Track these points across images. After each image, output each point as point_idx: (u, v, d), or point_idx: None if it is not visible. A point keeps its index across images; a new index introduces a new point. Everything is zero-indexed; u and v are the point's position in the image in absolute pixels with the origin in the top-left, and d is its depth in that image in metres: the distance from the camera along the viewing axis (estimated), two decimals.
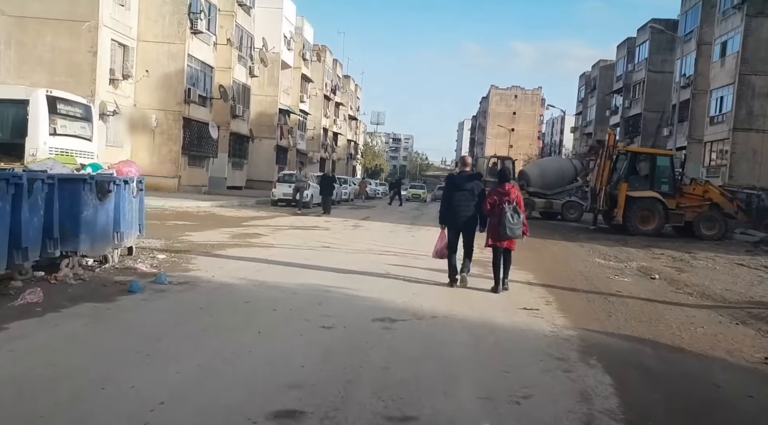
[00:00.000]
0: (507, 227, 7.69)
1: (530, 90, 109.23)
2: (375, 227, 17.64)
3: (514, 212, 7.74)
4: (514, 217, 7.74)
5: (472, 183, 8.09)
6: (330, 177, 22.83)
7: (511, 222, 7.68)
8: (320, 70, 54.44)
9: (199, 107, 28.17)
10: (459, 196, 8.00)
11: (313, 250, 11.05)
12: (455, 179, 8.35)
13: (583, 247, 15.49)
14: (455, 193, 8.04)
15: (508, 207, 7.70)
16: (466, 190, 7.97)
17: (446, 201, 8.18)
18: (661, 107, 44.94)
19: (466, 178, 8.17)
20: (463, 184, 8.06)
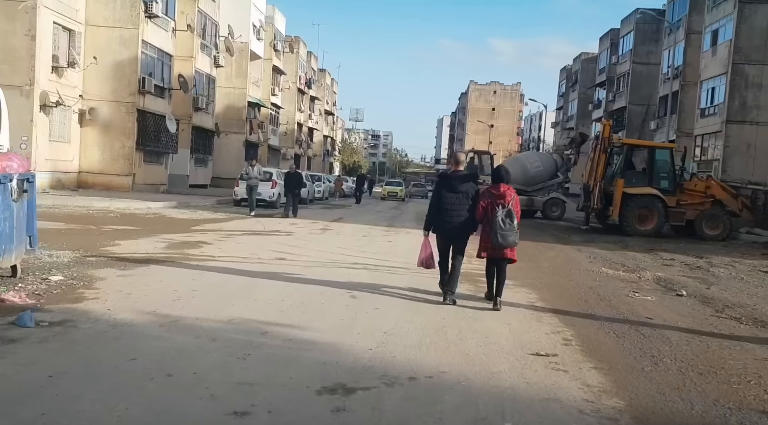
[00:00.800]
0: (498, 234, 6.62)
1: (509, 85, 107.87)
2: (347, 230, 15.58)
3: (506, 216, 6.66)
4: (506, 222, 6.65)
5: (467, 185, 6.97)
6: (295, 174, 19.96)
7: (502, 227, 6.61)
8: (293, 62, 52.10)
9: (156, 98, 25.80)
10: (451, 198, 6.90)
11: (263, 264, 8.95)
12: (448, 179, 7.14)
13: (582, 252, 13.62)
14: (447, 195, 6.92)
15: (500, 211, 6.65)
16: (459, 192, 6.89)
17: (436, 203, 7.03)
18: (647, 100, 43.56)
19: (461, 178, 7.06)
20: (457, 185, 6.95)
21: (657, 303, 7.83)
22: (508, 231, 6.62)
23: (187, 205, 20.47)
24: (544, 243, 15.22)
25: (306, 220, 17.87)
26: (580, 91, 58.25)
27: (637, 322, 6.54)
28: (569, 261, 11.82)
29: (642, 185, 18.61)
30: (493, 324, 6.03)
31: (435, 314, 6.34)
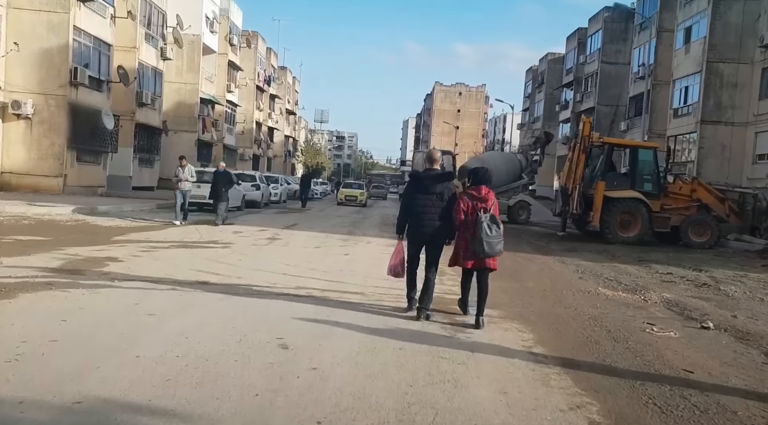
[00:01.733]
0: (484, 242, 5.96)
1: (474, 87, 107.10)
2: (298, 240, 13.54)
3: (491, 222, 6.02)
4: (493, 229, 6.00)
5: (442, 185, 6.25)
6: (224, 173, 16.84)
7: (489, 235, 5.97)
8: (251, 58, 49.67)
9: (92, 92, 23.28)
10: (424, 200, 6.22)
11: (175, 291, 6.88)
12: (420, 179, 6.42)
13: (567, 265, 11.91)
14: (419, 197, 6.25)
15: (484, 216, 6.02)
16: (433, 194, 6.20)
17: (408, 206, 6.38)
18: (616, 100, 42.62)
19: (435, 178, 6.32)
20: (431, 185, 6.25)
21: (684, 342, 6.06)
22: (495, 238, 5.98)
23: (120, 209, 18.13)
24: (523, 253, 13.47)
25: (253, 228, 15.76)
26: (546, 92, 57.28)
27: (677, 381, 4.72)
28: (558, 279, 10.04)
29: (624, 188, 17.10)
30: (482, 394, 4.12)
31: (398, 372, 4.41)
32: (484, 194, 6.13)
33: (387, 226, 19.45)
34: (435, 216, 6.12)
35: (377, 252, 11.74)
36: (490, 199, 6.16)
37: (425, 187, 6.21)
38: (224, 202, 16.21)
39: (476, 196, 6.12)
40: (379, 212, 29.88)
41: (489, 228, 5.94)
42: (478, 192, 6.14)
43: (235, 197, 21.37)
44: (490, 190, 6.25)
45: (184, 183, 15.70)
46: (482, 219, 5.94)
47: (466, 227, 6.09)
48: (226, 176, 16.85)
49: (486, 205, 6.08)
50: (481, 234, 5.90)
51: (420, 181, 6.34)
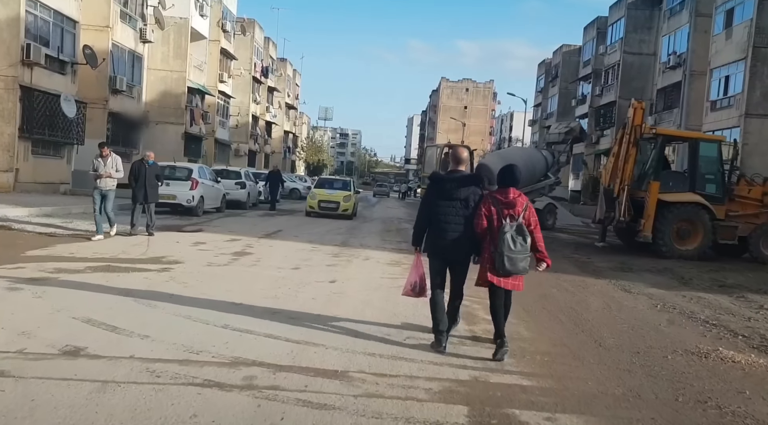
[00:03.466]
0: (504, 256, 4.80)
1: (482, 83, 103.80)
2: (274, 255, 10.42)
3: (517, 233, 4.85)
4: (517, 241, 4.84)
5: (468, 189, 5.08)
6: (152, 167, 12.62)
7: (511, 248, 4.80)
8: (247, 47, 46.59)
9: (52, 74, 20.21)
10: (446, 207, 5.05)
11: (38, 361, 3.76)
12: (442, 181, 5.18)
13: (635, 295, 8.77)
14: (441, 203, 5.08)
15: (509, 225, 4.85)
16: (457, 200, 5.05)
17: (426, 213, 5.17)
18: (639, 94, 39.12)
19: (460, 181, 5.12)
20: (454, 189, 5.07)
21: None
22: (519, 253, 4.83)
23: (69, 212, 15.05)
24: (567, 274, 10.33)
25: (223, 237, 12.63)
26: (561, 86, 54.05)
27: None
28: (638, 324, 6.86)
29: (682, 190, 13.94)
30: None
31: None
32: (512, 198, 5.01)
33: (390, 233, 16.30)
34: (459, 227, 5.04)
35: (377, 277, 8.64)
36: (520, 204, 5.02)
37: (448, 192, 5.11)
38: (150, 203, 12.30)
39: (502, 200, 5.01)
40: (382, 214, 26.72)
41: (512, 240, 4.85)
42: (505, 195, 5.03)
43: (213, 196, 18.29)
44: (520, 194, 5.11)
45: (104, 180, 11.50)
46: (506, 229, 4.89)
47: (490, 237, 5.01)
48: (154, 170, 12.63)
49: (513, 211, 4.97)
50: (503, 248, 4.84)
51: (442, 184, 5.19)
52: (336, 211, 20.10)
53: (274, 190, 24.09)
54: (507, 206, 4.97)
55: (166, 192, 16.42)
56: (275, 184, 24.21)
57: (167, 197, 16.56)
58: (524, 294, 6.37)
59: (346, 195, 20.91)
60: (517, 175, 5.16)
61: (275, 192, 24.12)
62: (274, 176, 24.60)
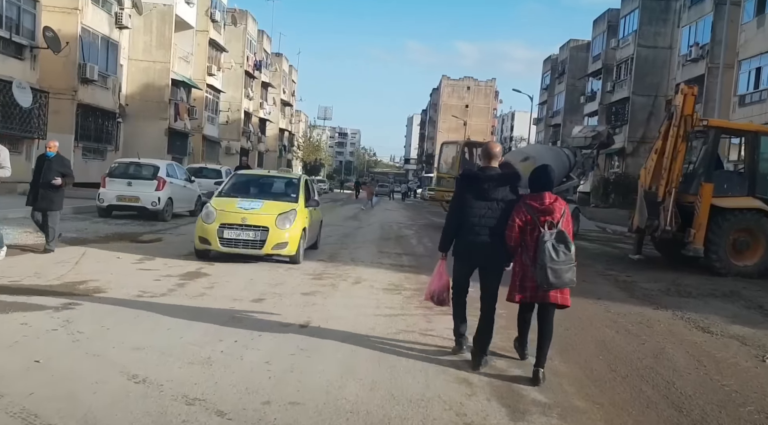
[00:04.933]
0: (548, 269, 4.34)
1: (483, 81, 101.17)
2: (237, 276, 8.07)
3: (558, 242, 4.38)
4: (559, 251, 4.35)
5: (504, 189, 4.68)
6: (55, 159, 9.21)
7: (554, 259, 4.34)
8: (239, 39, 44.23)
9: (6, 59, 17.92)
10: (481, 208, 4.66)
11: None
12: (477, 180, 4.74)
13: (717, 337, 6.50)
14: (476, 204, 4.67)
15: (548, 234, 4.39)
16: (493, 200, 4.66)
17: (457, 214, 4.80)
18: (654, 90, 37.08)
19: (497, 179, 4.70)
20: (491, 189, 4.66)
21: None
22: (563, 264, 4.36)
23: (5, 217, 12.68)
24: (614, 301, 8.04)
25: (184, 248, 10.25)
26: (568, 83, 51.76)
27: None
28: (763, 397, 4.53)
29: (739, 193, 11.59)
30: None
31: None
32: (549, 204, 4.49)
33: (389, 242, 13.95)
34: (495, 230, 4.58)
35: (370, 313, 6.33)
36: (557, 209, 4.49)
37: (484, 192, 4.62)
38: (54, 210, 9.05)
39: (537, 206, 4.49)
40: (380, 218, 24.36)
41: (555, 250, 4.33)
42: (540, 201, 4.51)
43: (186, 198, 15.94)
44: (556, 197, 4.57)
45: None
46: (546, 238, 4.35)
47: (524, 248, 4.54)
48: (56, 166, 9.12)
49: (552, 218, 4.45)
50: (545, 259, 4.30)
51: (476, 183, 4.69)
52: (259, 248, 8.99)
53: None
54: (543, 213, 4.50)
55: (127, 193, 14.16)
56: None
57: (129, 199, 14.27)
58: (576, 342, 5.75)
59: (286, 211, 9.40)
60: (551, 177, 4.70)
61: None
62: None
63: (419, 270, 9.63)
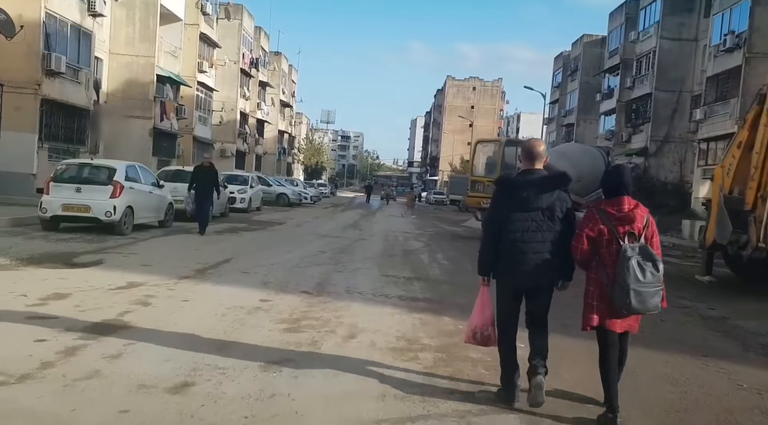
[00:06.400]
0: (632, 292, 3.63)
1: (489, 82, 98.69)
2: (177, 325, 5.52)
3: (644, 258, 3.68)
4: (646, 270, 3.66)
5: (552, 196, 3.93)
6: None
7: (639, 280, 3.64)
8: (234, 36, 41.73)
9: None
10: (524, 221, 3.89)
11: None
12: (517, 186, 4.02)
13: None
14: (516, 216, 3.92)
15: (630, 248, 3.69)
16: (538, 210, 3.91)
17: (496, 229, 3.99)
18: (678, 85, 34.40)
19: (539, 184, 3.94)
20: (534, 196, 3.90)
21: None
22: (650, 286, 3.65)
23: None
24: (716, 357, 5.46)
25: (125, 275, 7.65)
26: (581, 80, 49.10)
27: None
28: None
29: None
30: None
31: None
32: (628, 211, 3.78)
33: (394, 261, 11.31)
34: (542, 246, 3.87)
35: (370, 414, 3.65)
36: (639, 217, 3.77)
37: (525, 200, 3.89)
38: None
39: (613, 213, 3.78)
40: (383, 226, 21.73)
41: (640, 268, 3.63)
42: (618, 207, 3.79)
43: (151, 206, 13.37)
44: (637, 203, 3.82)
45: None
46: (628, 253, 3.66)
47: (599, 265, 3.81)
48: None
49: (633, 228, 3.76)
50: (627, 279, 3.62)
51: (516, 189, 3.97)
52: None
53: (203, 199, 13.76)
54: (622, 221, 3.77)
55: (76, 201, 11.62)
56: (205, 188, 13.87)
57: (77, 209, 11.70)
58: None
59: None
60: (629, 178, 3.91)
61: (205, 203, 13.82)
62: (204, 175, 14.01)
63: (439, 308, 7.02)
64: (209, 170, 14.19)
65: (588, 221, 3.84)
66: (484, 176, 17.41)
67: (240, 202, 22.02)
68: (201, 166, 14.52)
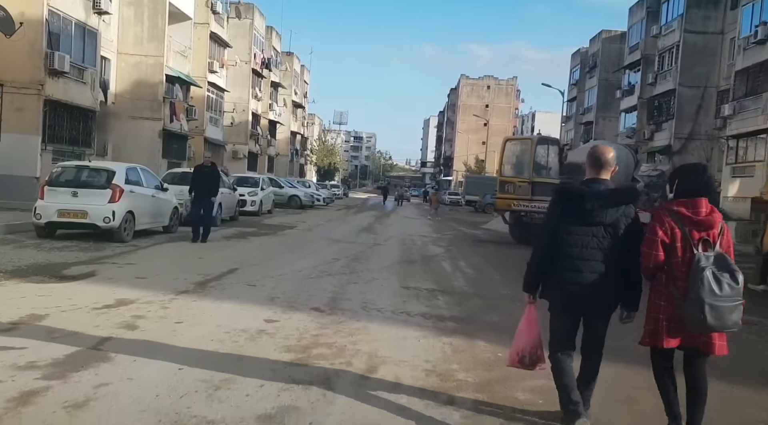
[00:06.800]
0: (707, 306, 3.19)
1: (504, 80, 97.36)
2: (162, 356, 4.71)
3: (720, 269, 3.24)
4: (723, 282, 3.22)
5: (618, 210, 3.45)
6: None
7: (715, 293, 3.20)
8: (246, 36, 41.07)
9: None
10: (584, 236, 3.46)
11: None
12: (579, 198, 3.48)
13: None
14: (575, 230, 3.48)
15: (704, 257, 3.25)
16: (601, 225, 3.45)
17: (550, 244, 3.54)
18: (704, 81, 33.17)
19: (606, 197, 3.45)
20: (599, 210, 3.43)
21: None
22: (728, 300, 3.21)
23: None
24: None
25: (118, 290, 6.85)
26: (600, 77, 47.93)
27: None
28: None
29: None
30: None
31: None
32: (705, 215, 3.33)
33: (414, 269, 10.41)
34: (601, 266, 3.42)
35: None
36: (716, 223, 3.33)
37: (588, 213, 3.42)
38: None
39: (689, 216, 3.32)
40: (399, 228, 20.84)
41: (715, 280, 3.19)
42: (694, 209, 3.33)
43: (155, 211, 12.58)
44: (713, 208, 3.37)
45: None
46: (702, 262, 3.21)
47: (670, 275, 3.34)
48: None
49: (708, 234, 3.31)
50: (702, 292, 3.18)
51: (578, 201, 3.44)
52: None
53: (203, 203, 12.50)
54: (699, 227, 3.31)
55: (72, 207, 10.85)
56: (206, 191, 12.63)
57: (74, 215, 10.92)
58: None
59: None
60: (709, 178, 3.53)
61: (207, 207, 12.56)
62: (205, 176, 12.81)
63: (471, 329, 6.11)
64: (211, 171, 13.08)
65: (660, 224, 3.36)
66: (514, 176, 16.36)
67: (250, 204, 21.24)
68: (201, 166, 13.30)
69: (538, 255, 3.63)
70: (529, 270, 3.67)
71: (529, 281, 3.66)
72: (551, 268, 3.55)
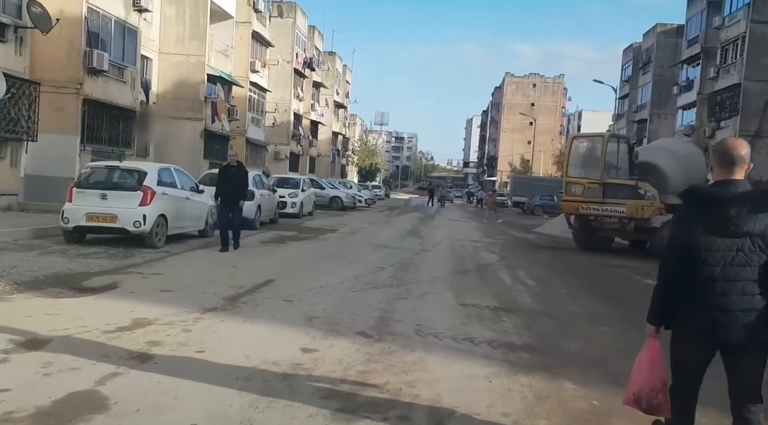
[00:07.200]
0: None
1: (550, 78, 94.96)
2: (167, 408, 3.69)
3: None
4: None
5: (763, 218, 2.73)
6: None
7: None
8: (288, 35, 40.59)
9: None
10: (725, 250, 2.78)
11: None
12: (718, 201, 2.79)
13: None
14: (712, 243, 2.80)
15: None
16: (745, 235, 2.76)
17: (680, 259, 2.87)
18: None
19: (749, 200, 2.75)
20: (740, 217, 2.73)
21: None
22: None
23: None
24: None
25: (142, 307, 6.02)
26: (654, 73, 45.61)
27: None
28: None
29: None
30: None
31: None
32: None
33: (469, 280, 9.32)
34: (753, 287, 2.76)
35: None
36: None
37: (728, 222, 2.74)
38: None
39: None
40: (446, 232, 19.73)
41: None
42: None
43: (190, 215, 11.84)
44: None
45: None
46: None
47: None
48: None
49: None
50: None
51: (716, 206, 2.78)
52: None
53: (230, 207, 11.20)
54: None
55: (101, 210, 10.16)
56: (234, 194, 11.22)
57: (103, 218, 10.23)
58: None
59: None
60: None
61: (234, 213, 11.25)
62: (232, 177, 11.39)
63: (550, 362, 5.01)
64: (237, 170, 11.55)
65: None
66: (581, 177, 14.96)
67: (291, 206, 20.51)
68: (227, 166, 11.74)
69: (666, 280, 2.95)
70: (656, 298, 3.00)
71: (657, 311, 2.99)
72: (686, 293, 2.87)
